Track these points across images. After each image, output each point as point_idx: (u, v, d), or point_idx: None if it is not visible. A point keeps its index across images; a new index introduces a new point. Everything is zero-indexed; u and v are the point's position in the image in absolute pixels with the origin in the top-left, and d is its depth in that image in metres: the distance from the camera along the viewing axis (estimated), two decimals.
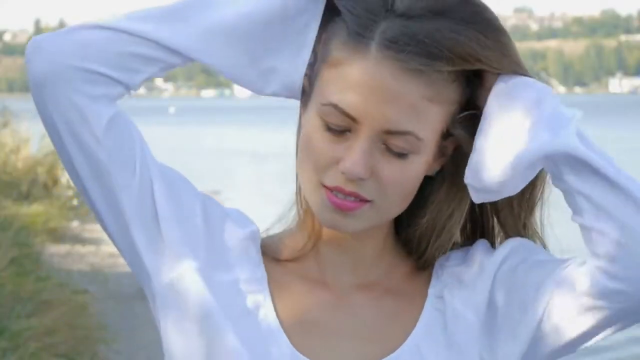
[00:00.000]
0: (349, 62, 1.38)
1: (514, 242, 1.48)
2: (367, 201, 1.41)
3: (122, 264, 11.99)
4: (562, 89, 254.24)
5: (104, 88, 1.41)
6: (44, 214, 13.79)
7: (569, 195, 1.39)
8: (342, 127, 1.39)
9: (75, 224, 15.17)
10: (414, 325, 1.48)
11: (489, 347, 1.46)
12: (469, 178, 1.41)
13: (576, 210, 1.38)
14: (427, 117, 1.39)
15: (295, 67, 1.45)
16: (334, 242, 1.50)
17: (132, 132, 1.44)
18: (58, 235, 13.51)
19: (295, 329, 1.47)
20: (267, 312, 1.46)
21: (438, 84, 1.38)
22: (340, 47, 1.40)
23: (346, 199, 1.40)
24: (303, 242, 1.50)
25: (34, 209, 13.98)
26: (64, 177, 16.56)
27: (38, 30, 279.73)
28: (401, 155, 1.40)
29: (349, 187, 1.39)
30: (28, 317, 7.21)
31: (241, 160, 32.53)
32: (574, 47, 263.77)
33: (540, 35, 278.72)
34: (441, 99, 1.40)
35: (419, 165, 1.42)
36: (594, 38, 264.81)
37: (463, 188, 1.44)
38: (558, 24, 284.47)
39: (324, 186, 1.41)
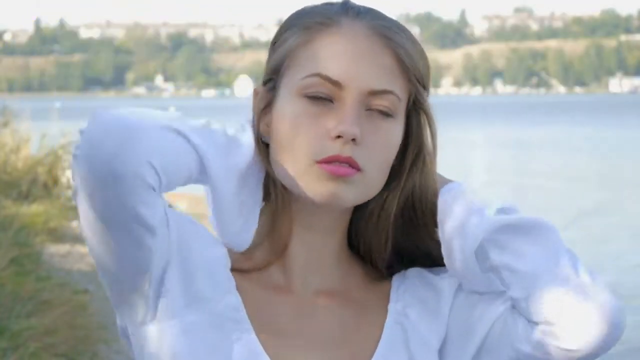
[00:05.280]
0: (321, 36, 1.48)
1: None
2: (359, 170, 1.46)
3: None
4: (562, 89, 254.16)
5: (157, 186, 1.43)
6: (44, 214, 13.79)
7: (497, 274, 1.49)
8: (327, 95, 1.46)
9: (75, 224, 15.15)
10: (378, 339, 1.53)
11: None
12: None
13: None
14: (399, 82, 1.49)
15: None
16: (302, 242, 1.53)
17: (171, 214, 1.47)
18: (58, 235, 13.50)
19: (273, 344, 1.49)
20: (249, 339, 1.48)
21: (403, 58, 1.49)
22: (305, 31, 1.49)
23: (342, 166, 1.45)
24: (272, 249, 1.53)
25: (34, 209, 13.98)
26: (64, 177, 16.56)
27: (38, 30, 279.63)
28: (386, 116, 1.48)
29: (345, 153, 1.45)
30: (28, 317, 7.21)
31: None
32: (574, 47, 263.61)
33: (540, 35, 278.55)
34: (407, 74, 1.50)
35: (398, 132, 1.51)
36: (594, 38, 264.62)
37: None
38: (558, 24, 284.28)
39: (318, 162, 1.45)
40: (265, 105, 1.53)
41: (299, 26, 1.51)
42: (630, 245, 16.64)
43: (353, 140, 1.45)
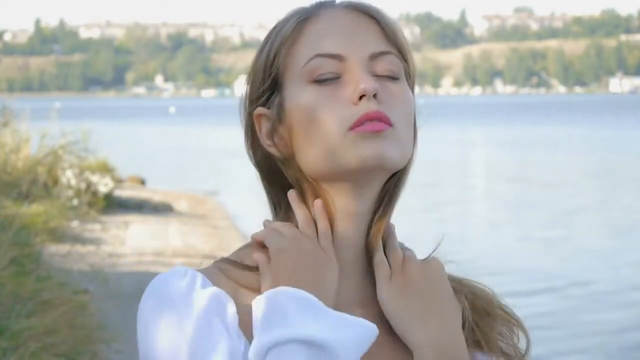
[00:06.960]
0: (306, 27, 1.52)
1: None
2: (390, 124, 1.47)
3: (122, 264, 12.00)
4: (562, 89, 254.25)
5: None
6: (44, 214, 13.80)
7: None
8: (333, 73, 1.49)
9: (75, 224, 15.18)
10: None
11: None
12: None
13: None
14: (392, 46, 1.53)
15: None
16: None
17: None
18: (58, 235, 13.52)
19: None
20: None
21: (386, 27, 1.53)
22: (289, 35, 1.52)
23: (374, 122, 1.47)
24: None
25: (34, 209, 13.99)
26: (64, 177, 16.58)
27: (38, 30, 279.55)
28: (393, 79, 1.51)
29: (373, 108, 1.47)
30: (28, 317, 7.22)
31: (241, 160, 32.51)
32: (574, 47, 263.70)
33: (540, 35, 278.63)
34: (394, 43, 1.53)
35: (410, 93, 1.53)
36: (594, 38, 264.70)
37: None
38: (558, 24, 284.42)
39: (350, 129, 1.46)
40: (275, 120, 1.52)
41: (282, 35, 1.53)
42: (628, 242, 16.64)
43: (374, 96, 1.47)
